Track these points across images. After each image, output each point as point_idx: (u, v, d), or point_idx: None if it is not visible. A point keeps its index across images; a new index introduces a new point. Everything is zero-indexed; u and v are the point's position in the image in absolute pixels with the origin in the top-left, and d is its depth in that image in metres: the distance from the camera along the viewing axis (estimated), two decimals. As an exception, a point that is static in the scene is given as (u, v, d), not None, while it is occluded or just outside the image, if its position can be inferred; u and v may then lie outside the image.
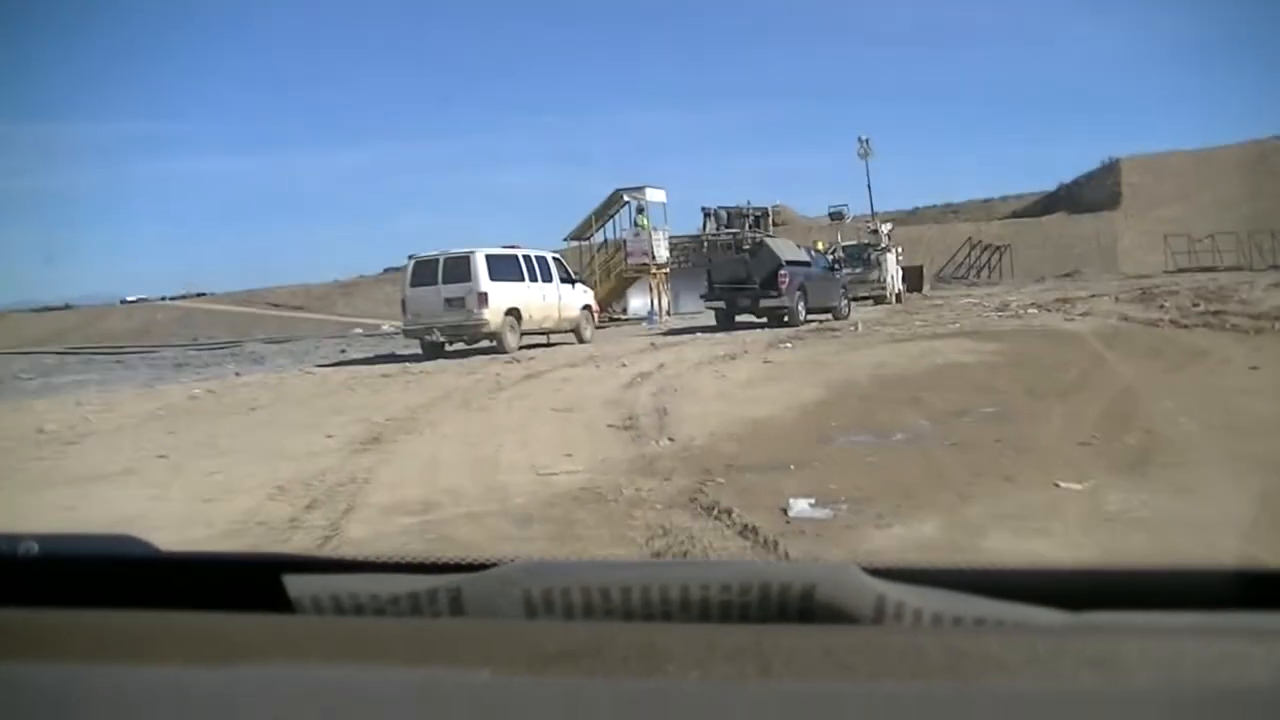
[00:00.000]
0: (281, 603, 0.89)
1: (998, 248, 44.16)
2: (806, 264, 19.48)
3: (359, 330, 32.33)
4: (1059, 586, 0.82)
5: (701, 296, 19.43)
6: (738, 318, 18.84)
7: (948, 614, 0.78)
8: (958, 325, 16.57)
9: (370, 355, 18.36)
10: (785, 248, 19.19)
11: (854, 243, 26.20)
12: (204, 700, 0.75)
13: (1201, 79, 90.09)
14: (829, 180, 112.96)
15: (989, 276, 43.44)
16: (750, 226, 30.75)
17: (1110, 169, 54.71)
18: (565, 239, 27.09)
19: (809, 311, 18.77)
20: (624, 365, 12.40)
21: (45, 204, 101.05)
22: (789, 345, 14.22)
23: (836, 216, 28.93)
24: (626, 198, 25.54)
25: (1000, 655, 0.70)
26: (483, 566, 0.89)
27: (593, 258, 26.64)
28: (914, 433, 6.40)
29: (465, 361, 14.83)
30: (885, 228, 27.03)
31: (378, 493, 5.45)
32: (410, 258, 16.31)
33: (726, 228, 30.86)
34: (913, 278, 30.47)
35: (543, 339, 17.84)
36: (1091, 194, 52.79)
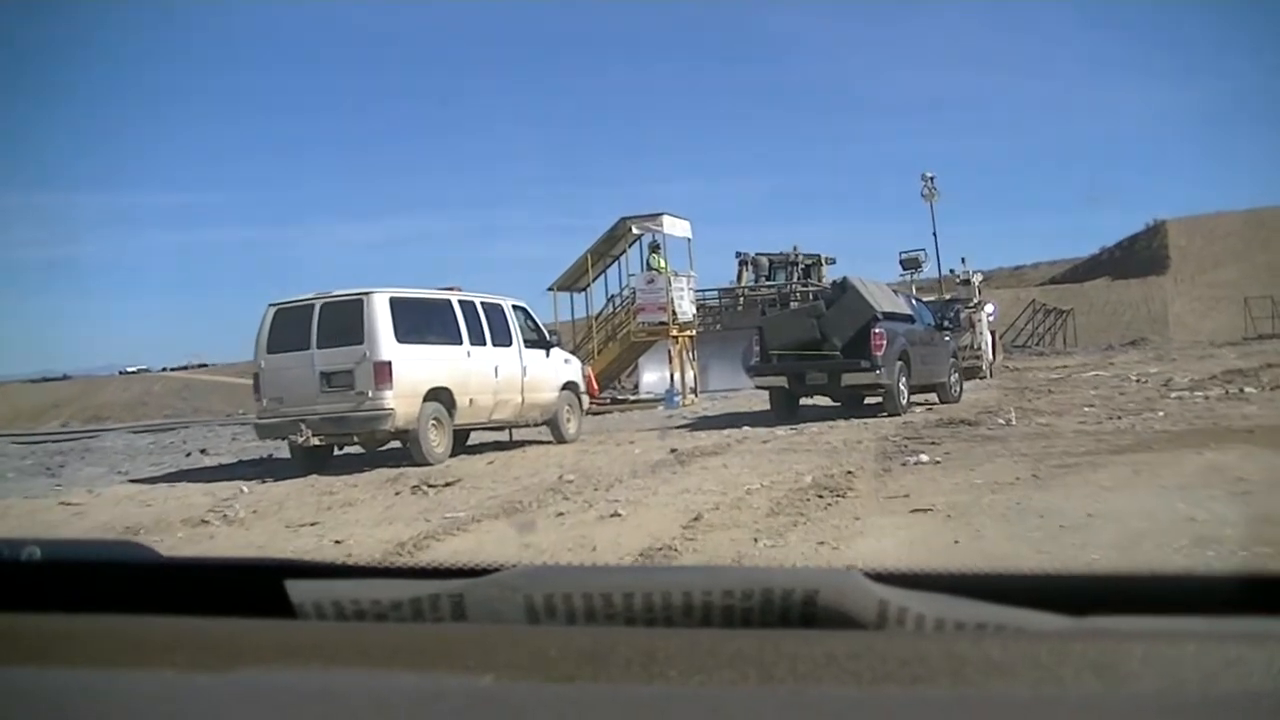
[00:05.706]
0: (284, 608, 0.87)
1: (1062, 312, 38.28)
2: (908, 318, 12.49)
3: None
4: (1061, 591, 0.80)
5: (749, 368, 12.27)
6: (803, 400, 12.07)
7: (950, 619, 0.76)
8: (1162, 414, 10.16)
9: (234, 459, 11.85)
10: (878, 292, 12.13)
11: (935, 299, 19.43)
12: (206, 705, 0.74)
13: (1240, 139, 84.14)
14: (853, 243, 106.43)
15: (1054, 344, 37.84)
16: (799, 278, 24.16)
17: (1155, 231, 51.88)
18: (551, 288, 19.03)
19: (911, 391, 12.05)
20: (618, 513, 6.01)
21: (47, 274, 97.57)
22: (924, 459, 7.77)
23: (911, 265, 20.39)
24: (635, 229, 17.94)
25: (1002, 660, 0.69)
26: (485, 572, 0.87)
27: (590, 318, 19.36)
28: None
29: (336, 484, 8.28)
30: (977, 278, 19.85)
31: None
32: (270, 306, 9.71)
33: (768, 279, 23.41)
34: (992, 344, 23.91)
35: (500, 432, 11.46)
36: (1136, 258, 50.03)
